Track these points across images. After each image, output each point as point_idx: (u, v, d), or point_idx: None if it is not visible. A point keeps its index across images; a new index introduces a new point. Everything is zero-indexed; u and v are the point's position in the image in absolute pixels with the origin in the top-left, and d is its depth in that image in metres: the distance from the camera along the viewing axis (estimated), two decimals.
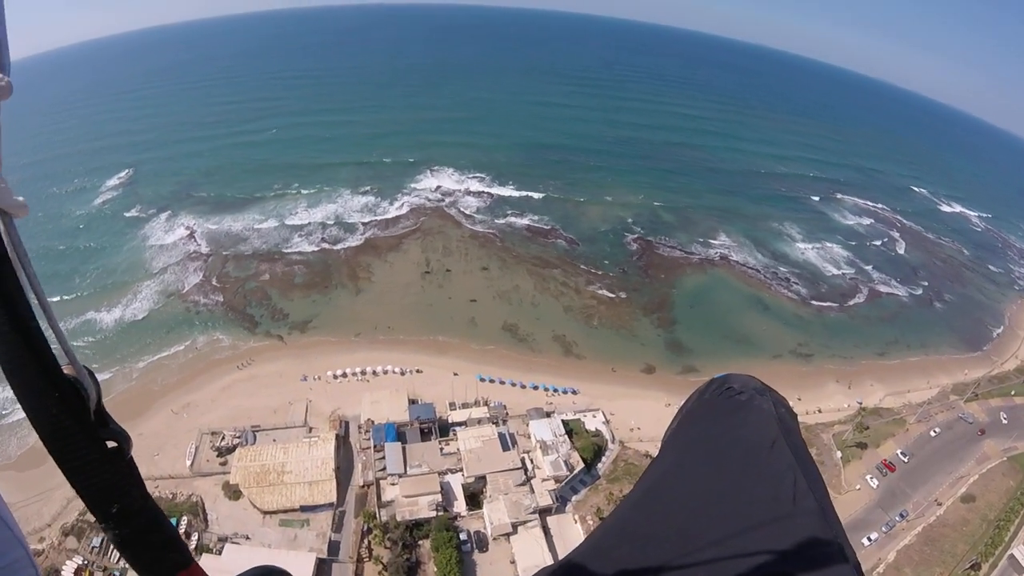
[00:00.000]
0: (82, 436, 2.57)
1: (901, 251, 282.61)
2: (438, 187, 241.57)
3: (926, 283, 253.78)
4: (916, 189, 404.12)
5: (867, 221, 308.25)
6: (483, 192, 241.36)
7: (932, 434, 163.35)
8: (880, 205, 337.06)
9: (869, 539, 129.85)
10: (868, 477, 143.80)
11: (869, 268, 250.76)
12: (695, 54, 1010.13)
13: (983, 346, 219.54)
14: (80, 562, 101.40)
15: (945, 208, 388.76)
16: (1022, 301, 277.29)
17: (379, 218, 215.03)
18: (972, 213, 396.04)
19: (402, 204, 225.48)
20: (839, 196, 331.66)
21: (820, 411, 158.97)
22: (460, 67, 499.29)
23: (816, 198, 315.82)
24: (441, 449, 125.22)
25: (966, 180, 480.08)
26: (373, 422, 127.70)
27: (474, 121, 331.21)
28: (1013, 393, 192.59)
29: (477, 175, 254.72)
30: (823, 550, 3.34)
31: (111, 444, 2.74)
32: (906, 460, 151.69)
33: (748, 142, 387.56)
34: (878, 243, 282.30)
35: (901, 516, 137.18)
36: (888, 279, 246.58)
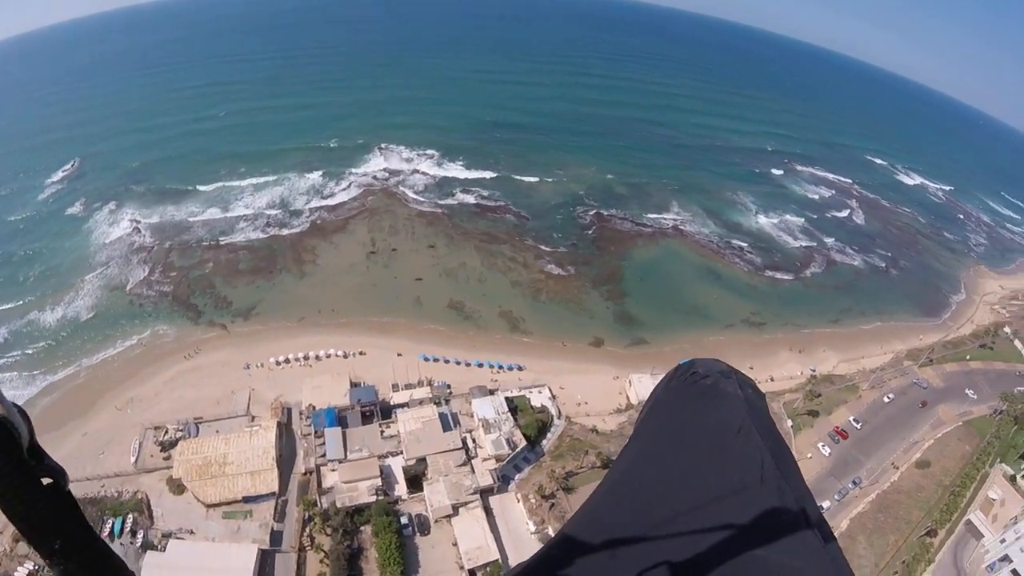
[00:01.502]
0: (17, 475, 2.49)
1: (859, 221, 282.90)
2: (387, 167, 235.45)
3: (882, 251, 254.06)
4: (878, 162, 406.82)
5: (826, 192, 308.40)
6: (433, 170, 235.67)
7: (886, 400, 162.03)
8: (841, 177, 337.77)
9: (821, 508, 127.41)
10: (820, 445, 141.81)
11: (825, 237, 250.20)
12: (664, 29, 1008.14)
13: (938, 312, 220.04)
14: (31, 567, 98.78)
15: (906, 180, 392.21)
16: (978, 268, 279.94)
17: (326, 201, 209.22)
18: (933, 185, 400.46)
19: (350, 185, 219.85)
20: (799, 168, 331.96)
21: (772, 379, 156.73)
22: (421, 44, 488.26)
23: (776, 171, 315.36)
24: (382, 432, 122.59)
25: (929, 154, 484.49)
26: (314, 408, 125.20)
27: (431, 100, 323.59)
28: (968, 358, 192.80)
29: (428, 153, 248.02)
30: (785, 518, 3.51)
31: (47, 480, 2.67)
32: (859, 427, 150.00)
33: (711, 116, 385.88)
34: (836, 213, 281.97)
35: (854, 484, 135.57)
36: (844, 248, 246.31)
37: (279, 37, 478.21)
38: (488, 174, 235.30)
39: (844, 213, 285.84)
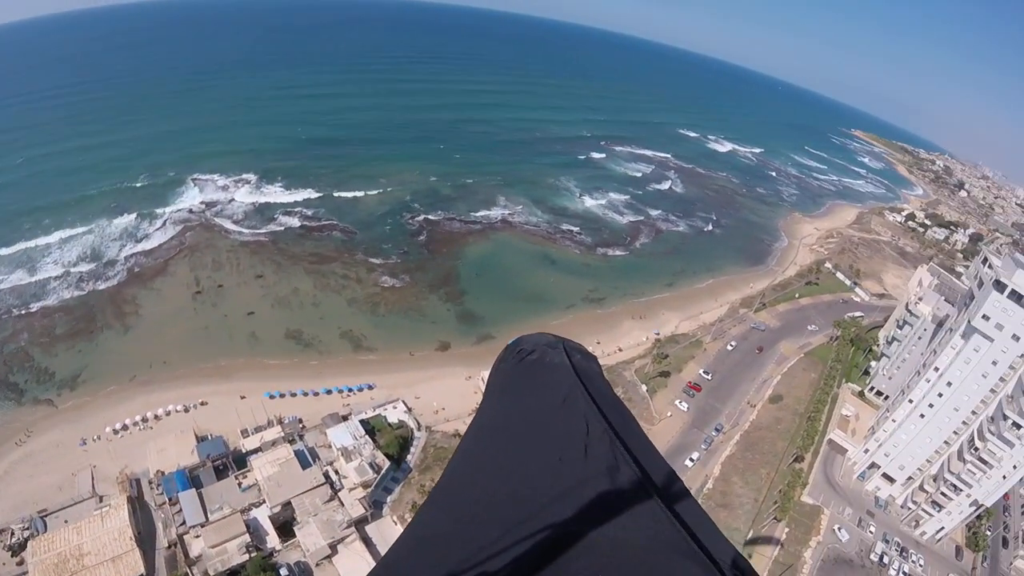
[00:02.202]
0: None
1: (679, 190, 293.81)
2: (203, 199, 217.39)
3: (704, 214, 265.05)
4: (691, 134, 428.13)
5: (646, 168, 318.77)
6: (252, 196, 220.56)
7: (729, 348, 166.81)
8: (658, 152, 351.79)
9: (691, 460, 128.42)
10: (677, 402, 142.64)
11: (650, 210, 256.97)
12: (475, 28, 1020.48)
13: (764, 260, 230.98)
14: None
15: (718, 147, 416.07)
16: (793, 215, 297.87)
17: (141, 244, 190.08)
18: (743, 149, 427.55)
19: (165, 224, 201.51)
20: (618, 148, 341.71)
21: (621, 350, 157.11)
22: (220, 65, 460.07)
23: (597, 154, 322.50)
24: (239, 484, 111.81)
25: (736, 122, 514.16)
26: (163, 473, 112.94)
27: (240, 123, 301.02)
28: (798, 296, 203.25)
29: (245, 179, 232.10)
30: (618, 490, 3.22)
31: None
32: (709, 378, 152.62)
33: (529, 110, 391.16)
34: (657, 186, 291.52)
35: (717, 430, 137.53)
36: (668, 216, 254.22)
37: (66, 71, 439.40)
38: (310, 192, 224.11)
39: (664, 185, 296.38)
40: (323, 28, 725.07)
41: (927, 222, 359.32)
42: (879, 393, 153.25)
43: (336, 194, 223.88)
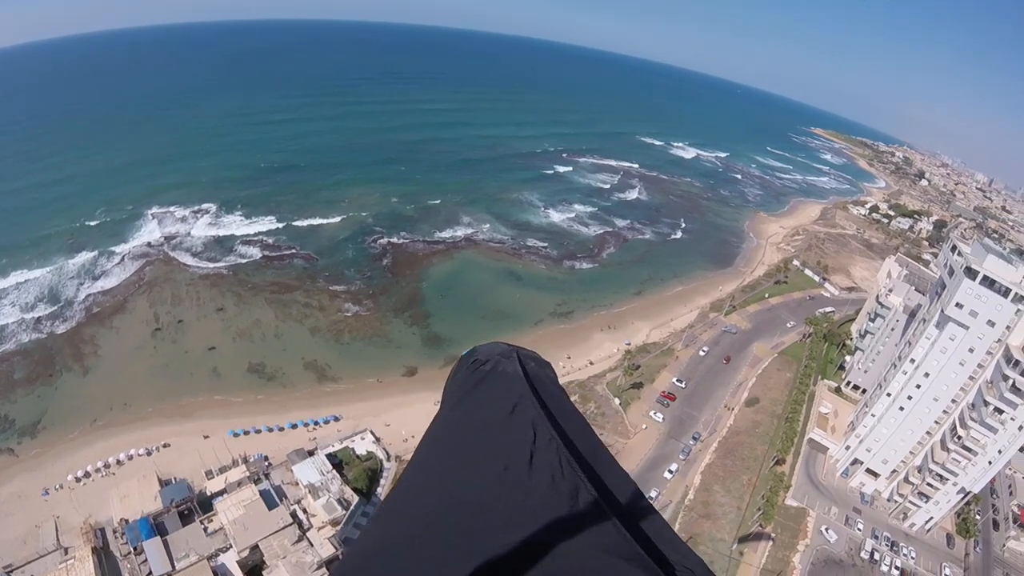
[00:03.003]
0: None
1: (644, 198, 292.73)
2: (161, 232, 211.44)
3: (669, 220, 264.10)
4: (654, 143, 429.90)
5: (610, 177, 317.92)
6: (211, 227, 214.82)
7: (701, 353, 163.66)
8: (622, 162, 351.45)
9: (670, 471, 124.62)
10: (652, 413, 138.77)
11: (615, 219, 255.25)
12: (435, 47, 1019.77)
13: (731, 261, 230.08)
14: None
15: (681, 154, 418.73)
16: (758, 215, 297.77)
17: (99, 282, 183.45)
18: (705, 153, 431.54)
19: (123, 259, 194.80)
20: (582, 160, 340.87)
21: (592, 363, 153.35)
22: (178, 92, 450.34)
23: (561, 167, 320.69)
24: (205, 529, 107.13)
25: (698, 127, 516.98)
26: (127, 521, 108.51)
27: (197, 153, 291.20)
28: (768, 296, 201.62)
29: (204, 209, 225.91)
30: (565, 507, 3.04)
31: None
32: (683, 386, 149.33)
33: (492, 126, 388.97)
34: (621, 196, 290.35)
35: (694, 439, 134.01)
36: (633, 225, 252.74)
37: (18, 104, 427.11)
38: (270, 221, 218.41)
39: (629, 194, 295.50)
40: (283, 51, 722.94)
41: (891, 213, 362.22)
42: (856, 387, 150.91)
43: (297, 221, 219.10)
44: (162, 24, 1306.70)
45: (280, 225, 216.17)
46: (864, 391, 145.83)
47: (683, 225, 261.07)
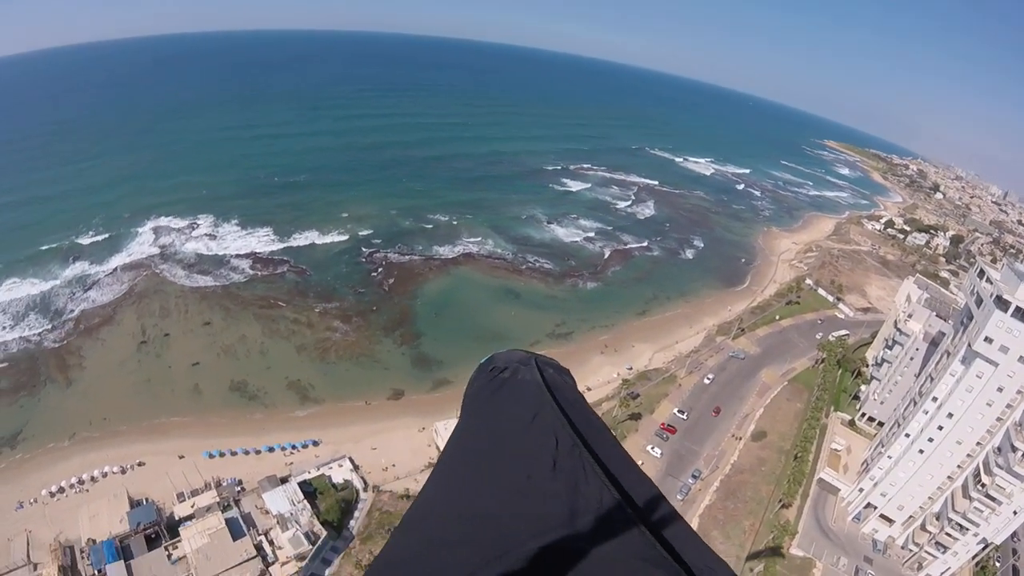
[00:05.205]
0: None
1: (650, 212, 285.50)
2: (155, 242, 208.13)
3: (677, 236, 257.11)
4: (667, 156, 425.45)
5: (617, 191, 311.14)
6: (205, 239, 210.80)
7: (706, 381, 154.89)
8: (631, 175, 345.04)
9: None
10: (649, 448, 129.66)
11: (621, 234, 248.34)
12: (442, 60, 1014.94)
13: (741, 279, 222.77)
14: None
15: (692, 167, 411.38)
16: (769, 230, 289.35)
17: (90, 293, 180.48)
18: (718, 167, 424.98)
19: (116, 270, 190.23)
20: (589, 173, 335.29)
21: (589, 389, 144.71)
22: (182, 104, 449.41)
23: (567, 179, 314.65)
24: (169, 556, 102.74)
25: (709, 140, 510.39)
26: (94, 541, 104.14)
27: (195, 167, 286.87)
28: (778, 317, 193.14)
29: (199, 222, 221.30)
30: (590, 511, 3.06)
31: None
32: (685, 417, 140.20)
33: (496, 140, 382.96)
34: (627, 209, 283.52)
35: (694, 477, 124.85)
36: (640, 240, 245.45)
37: (18, 115, 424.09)
38: (265, 234, 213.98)
39: (636, 209, 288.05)
40: (288, 62, 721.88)
41: (906, 228, 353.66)
42: (871, 419, 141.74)
43: (292, 234, 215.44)
44: (164, 35, 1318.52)
45: (275, 238, 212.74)
46: (880, 424, 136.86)
47: (692, 241, 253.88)
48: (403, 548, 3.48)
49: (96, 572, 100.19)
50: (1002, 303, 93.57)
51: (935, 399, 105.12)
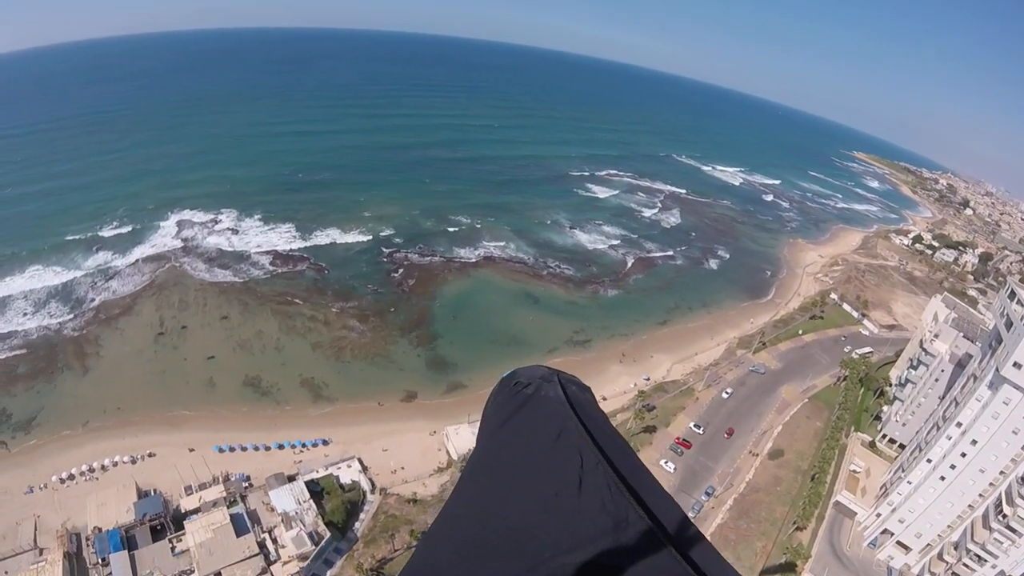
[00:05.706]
0: None
1: (675, 220, 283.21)
2: (177, 235, 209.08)
3: (701, 245, 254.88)
4: (694, 163, 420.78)
5: (642, 197, 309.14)
6: (227, 233, 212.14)
7: (724, 396, 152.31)
8: (657, 182, 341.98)
9: None
10: (663, 462, 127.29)
11: (644, 242, 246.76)
12: (468, 60, 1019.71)
13: (765, 291, 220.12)
14: None
15: (718, 175, 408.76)
16: (795, 242, 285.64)
17: (111, 283, 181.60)
18: (747, 177, 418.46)
19: (137, 260, 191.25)
20: (615, 179, 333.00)
21: (605, 398, 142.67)
22: (211, 98, 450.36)
23: (592, 185, 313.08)
24: (172, 548, 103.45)
25: (737, 148, 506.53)
26: (100, 529, 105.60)
27: (222, 162, 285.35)
28: (801, 332, 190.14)
29: (222, 216, 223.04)
30: (614, 529, 3.09)
31: None
32: (701, 432, 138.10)
33: (521, 143, 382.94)
34: (652, 217, 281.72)
35: (707, 494, 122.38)
36: (663, 248, 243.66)
37: (50, 106, 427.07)
38: (287, 230, 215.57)
39: (660, 216, 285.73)
40: (321, 59, 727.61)
41: (935, 243, 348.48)
42: (892, 441, 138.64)
43: (314, 232, 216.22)
44: (195, 30, 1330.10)
45: (296, 235, 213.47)
46: (901, 446, 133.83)
47: (717, 251, 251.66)
48: (435, 556, 3.53)
49: (100, 560, 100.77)
50: None
51: (959, 424, 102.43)
